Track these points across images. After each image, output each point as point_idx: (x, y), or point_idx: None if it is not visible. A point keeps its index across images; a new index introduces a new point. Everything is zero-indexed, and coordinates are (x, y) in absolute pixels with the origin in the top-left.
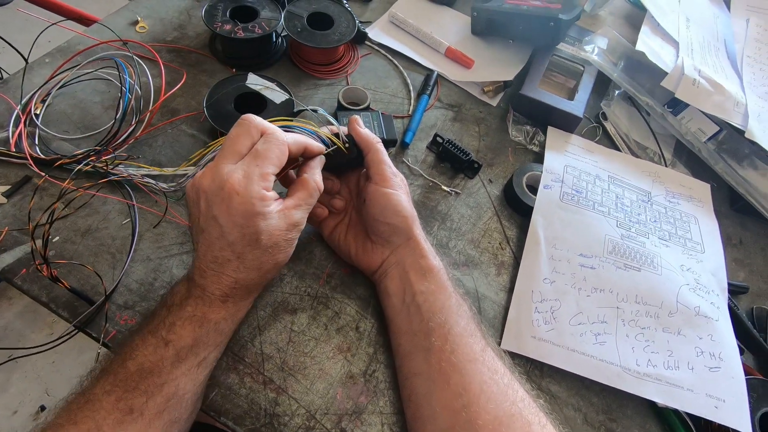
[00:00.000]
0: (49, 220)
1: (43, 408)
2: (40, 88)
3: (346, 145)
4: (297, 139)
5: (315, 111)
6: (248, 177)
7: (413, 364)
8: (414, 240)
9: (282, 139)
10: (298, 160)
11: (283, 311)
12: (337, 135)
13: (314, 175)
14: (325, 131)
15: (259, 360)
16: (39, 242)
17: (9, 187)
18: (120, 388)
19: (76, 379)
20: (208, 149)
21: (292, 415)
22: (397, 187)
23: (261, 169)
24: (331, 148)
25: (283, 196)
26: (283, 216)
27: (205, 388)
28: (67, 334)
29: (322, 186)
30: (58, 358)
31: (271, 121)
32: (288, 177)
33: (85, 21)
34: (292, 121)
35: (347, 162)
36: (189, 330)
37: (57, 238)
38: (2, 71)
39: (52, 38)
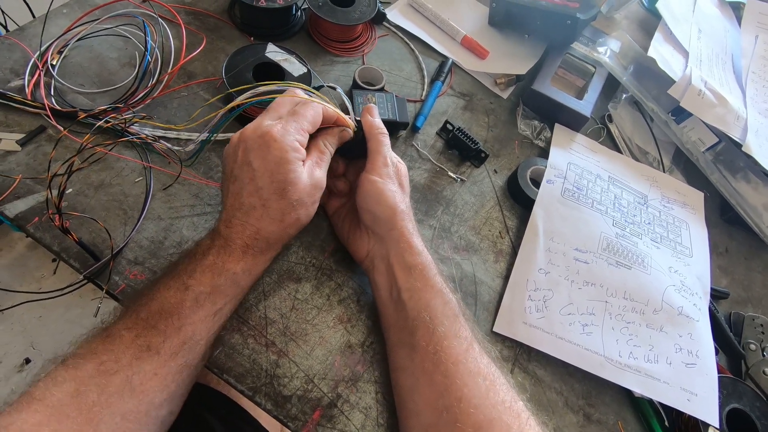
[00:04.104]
0: (67, 172)
1: (28, 361)
2: (57, 39)
3: (355, 129)
4: (330, 109)
5: (333, 88)
6: (285, 128)
7: (398, 358)
8: (397, 232)
9: (318, 104)
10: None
11: (288, 279)
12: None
13: (324, 138)
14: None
15: (263, 323)
16: (54, 192)
17: (23, 135)
18: (140, 326)
19: (62, 335)
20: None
21: (291, 377)
22: (384, 176)
23: (297, 124)
24: (356, 130)
25: None
26: (308, 172)
27: (216, 342)
28: (77, 283)
29: (331, 149)
30: (45, 312)
31: (293, 86)
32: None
33: None
34: (312, 92)
35: (352, 146)
36: (208, 277)
37: (70, 190)
38: (7, 18)
39: None
